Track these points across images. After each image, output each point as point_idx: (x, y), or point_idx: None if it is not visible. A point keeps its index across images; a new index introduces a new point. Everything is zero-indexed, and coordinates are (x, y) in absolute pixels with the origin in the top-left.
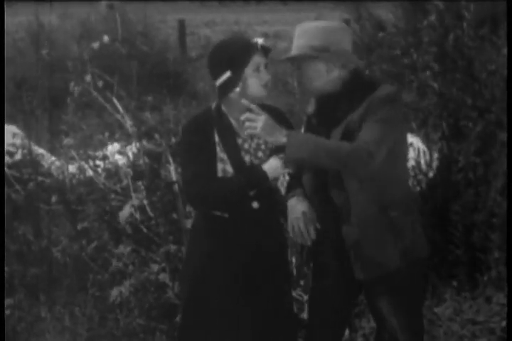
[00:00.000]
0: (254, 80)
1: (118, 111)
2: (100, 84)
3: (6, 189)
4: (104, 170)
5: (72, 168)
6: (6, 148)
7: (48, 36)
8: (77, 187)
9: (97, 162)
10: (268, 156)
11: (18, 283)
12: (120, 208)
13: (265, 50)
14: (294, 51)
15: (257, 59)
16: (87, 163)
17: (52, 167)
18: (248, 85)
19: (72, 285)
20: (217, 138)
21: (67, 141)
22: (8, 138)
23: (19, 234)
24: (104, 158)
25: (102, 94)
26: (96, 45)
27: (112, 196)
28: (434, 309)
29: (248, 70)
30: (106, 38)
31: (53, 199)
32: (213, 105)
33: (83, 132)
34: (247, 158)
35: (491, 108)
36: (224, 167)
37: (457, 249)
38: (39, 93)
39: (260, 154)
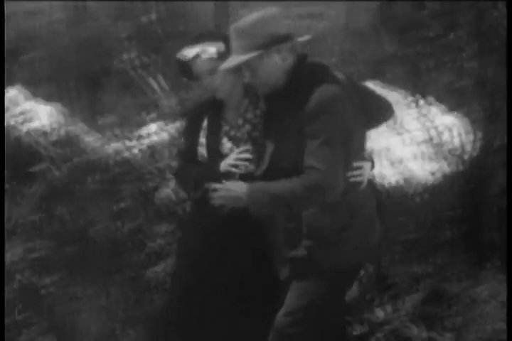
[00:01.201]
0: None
1: (156, 91)
2: (138, 63)
3: (44, 167)
4: (142, 150)
5: (109, 148)
6: (44, 127)
7: (85, 16)
8: (114, 167)
9: (135, 142)
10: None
11: (54, 263)
12: (156, 189)
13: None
14: (244, 52)
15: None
16: (125, 142)
17: (90, 146)
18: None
19: (108, 265)
20: (205, 123)
21: (105, 120)
22: (46, 118)
23: (56, 213)
24: (142, 138)
25: (140, 73)
26: (134, 25)
27: (149, 177)
28: (469, 291)
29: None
30: (144, 18)
31: (90, 179)
32: None
33: (122, 112)
34: (229, 145)
35: None
36: (201, 151)
37: (492, 231)
38: (78, 73)
39: (242, 144)
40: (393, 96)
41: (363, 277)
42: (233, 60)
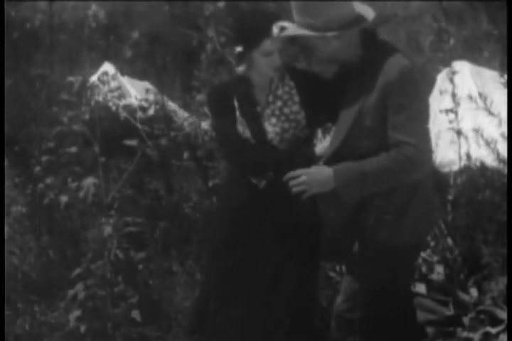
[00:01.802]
0: (263, 63)
1: None
2: (223, 40)
3: (138, 143)
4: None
5: (204, 125)
6: (139, 103)
7: None
8: (209, 143)
9: None
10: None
11: (149, 237)
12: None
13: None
14: (290, 30)
15: (268, 44)
16: None
17: (185, 123)
18: (255, 66)
19: (202, 240)
20: (236, 104)
21: (199, 97)
22: (141, 94)
23: (151, 188)
24: None
25: (227, 51)
26: (221, 3)
27: None
28: None
29: (256, 53)
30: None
31: (185, 155)
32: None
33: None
34: (264, 125)
35: None
36: (244, 130)
37: None
38: (172, 49)
39: (274, 120)
40: (488, 74)
41: (449, 259)
42: (297, 31)
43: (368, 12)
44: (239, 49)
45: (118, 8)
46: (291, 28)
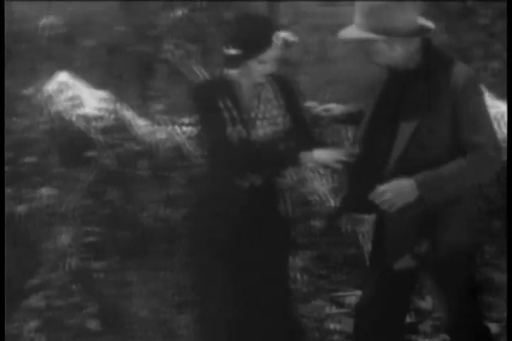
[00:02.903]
0: (258, 69)
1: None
2: (181, 52)
3: (96, 153)
4: (192, 136)
5: (160, 134)
6: (96, 112)
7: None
8: (165, 153)
9: (184, 128)
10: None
11: (107, 247)
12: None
13: (285, 45)
14: (354, 32)
15: (269, 53)
16: (175, 129)
17: (141, 132)
18: (248, 70)
19: (160, 250)
20: (221, 105)
21: (156, 107)
22: (98, 103)
23: (109, 198)
24: (192, 124)
25: (184, 62)
26: (179, 12)
27: (198, 163)
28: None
29: (254, 61)
30: (188, 7)
31: (142, 164)
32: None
33: (172, 98)
34: (248, 128)
35: None
36: (231, 133)
37: None
38: (130, 59)
39: (259, 123)
40: None
41: None
42: (362, 34)
43: (427, 22)
44: (234, 52)
45: (77, 17)
46: (355, 31)
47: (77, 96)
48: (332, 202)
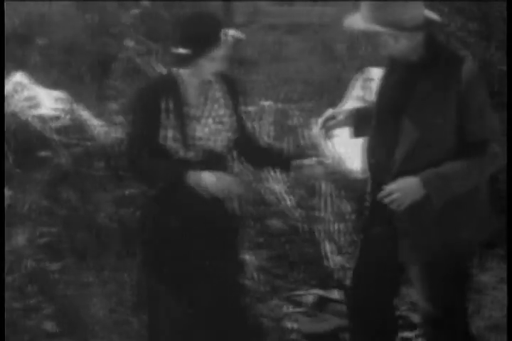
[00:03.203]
0: (207, 67)
1: None
2: (143, 49)
3: (52, 154)
4: None
5: (117, 133)
6: (52, 112)
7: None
8: (119, 153)
9: None
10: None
11: (65, 247)
12: None
13: (234, 42)
14: (361, 23)
15: (218, 50)
16: None
17: (97, 132)
18: (199, 68)
19: (119, 250)
20: (163, 105)
21: (112, 106)
22: (54, 103)
23: (66, 199)
24: None
25: (144, 59)
26: (136, 10)
27: None
28: (479, 277)
29: (204, 59)
30: (147, 3)
31: (98, 164)
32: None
33: (129, 98)
34: (193, 125)
35: None
36: (166, 134)
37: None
38: (87, 58)
39: (210, 121)
40: None
41: None
42: (369, 26)
43: (432, 15)
44: (183, 51)
45: (33, 17)
46: (361, 22)
47: (33, 96)
48: (288, 201)
